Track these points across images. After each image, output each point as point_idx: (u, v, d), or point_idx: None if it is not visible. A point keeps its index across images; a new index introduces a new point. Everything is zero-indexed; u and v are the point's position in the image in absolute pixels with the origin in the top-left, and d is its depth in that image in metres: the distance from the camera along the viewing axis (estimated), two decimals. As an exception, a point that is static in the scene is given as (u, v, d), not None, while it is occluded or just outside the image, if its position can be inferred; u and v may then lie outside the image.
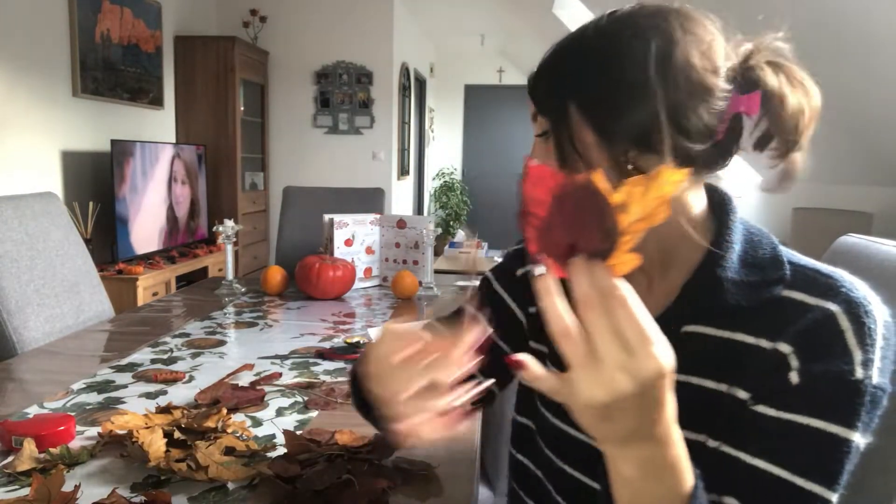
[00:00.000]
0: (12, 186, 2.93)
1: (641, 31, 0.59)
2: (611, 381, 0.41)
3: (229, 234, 1.81)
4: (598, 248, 0.42)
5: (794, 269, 0.61)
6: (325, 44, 5.19)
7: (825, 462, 0.54)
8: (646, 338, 0.41)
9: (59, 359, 1.25)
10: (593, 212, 0.42)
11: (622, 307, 0.41)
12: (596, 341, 0.42)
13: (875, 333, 0.56)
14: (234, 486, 0.75)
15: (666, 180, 0.41)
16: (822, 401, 0.55)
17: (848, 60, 2.25)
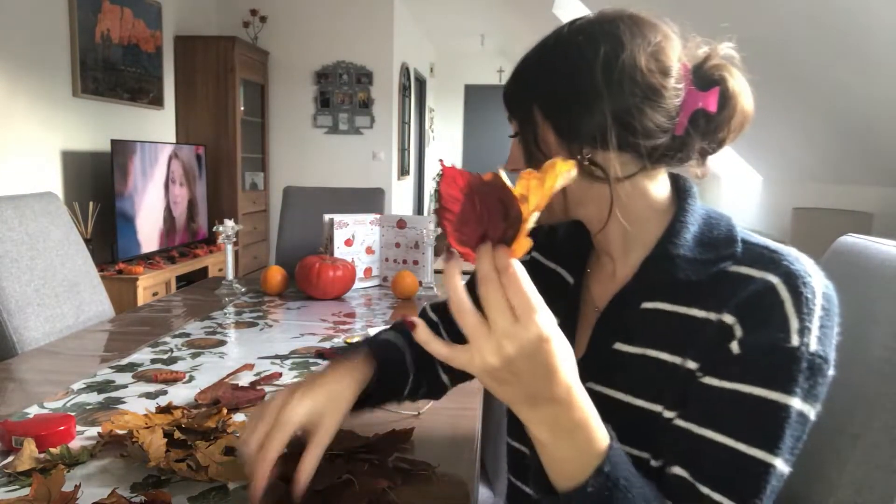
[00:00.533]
0: (12, 186, 2.94)
1: (593, 37, 0.65)
2: (499, 346, 0.47)
3: (229, 234, 1.81)
4: (504, 235, 0.48)
5: (746, 247, 0.64)
6: (325, 44, 5.19)
7: (766, 428, 0.57)
8: (530, 307, 0.47)
9: (59, 359, 1.25)
10: (499, 204, 0.47)
11: (513, 282, 0.47)
12: (489, 312, 0.48)
13: (813, 303, 0.58)
14: (234, 486, 0.75)
15: (558, 171, 0.46)
16: (760, 369, 0.58)
17: (848, 60, 2.25)
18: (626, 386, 0.66)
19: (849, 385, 0.74)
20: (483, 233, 0.48)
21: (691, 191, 0.70)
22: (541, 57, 0.68)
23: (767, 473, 0.56)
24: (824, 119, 2.69)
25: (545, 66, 0.67)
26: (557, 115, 0.66)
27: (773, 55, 2.53)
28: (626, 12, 0.66)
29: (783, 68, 2.56)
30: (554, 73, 0.66)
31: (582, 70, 0.64)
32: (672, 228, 0.67)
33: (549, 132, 0.66)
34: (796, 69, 2.51)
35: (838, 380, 0.76)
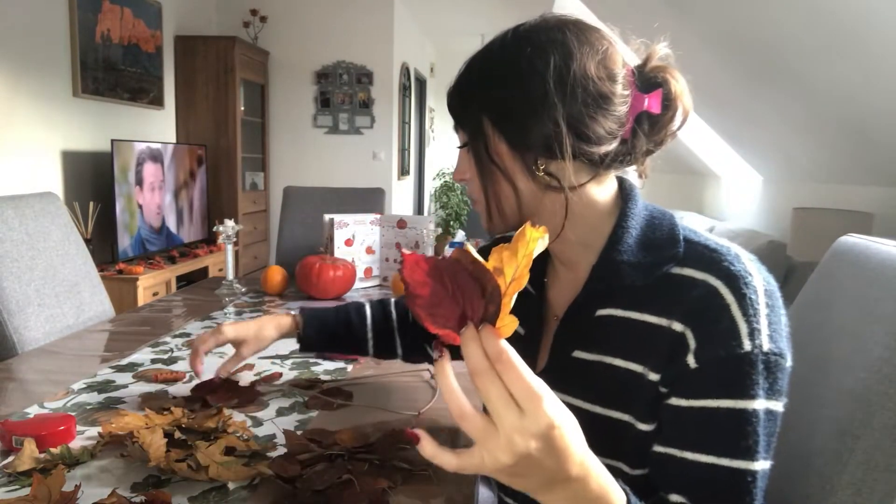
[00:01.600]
0: (13, 186, 2.94)
1: (541, 46, 0.65)
2: (510, 443, 0.43)
3: (229, 234, 1.81)
4: (486, 313, 0.44)
5: (688, 246, 0.65)
6: (325, 44, 5.19)
7: (740, 437, 0.58)
8: (534, 395, 0.43)
9: (59, 359, 1.25)
10: (472, 281, 0.44)
11: (509, 370, 0.43)
12: (492, 408, 0.44)
13: (757, 303, 0.59)
14: (234, 486, 0.75)
15: (529, 238, 0.43)
16: (719, 380, 0.59)
17: (849, 60, 2.25)
18: (590, 394, 0.67)
19: (849, 385, 0.74)
20: (461, 312, 0.45)
21: (633, 192, 0.71)
22: (488, 66, 0.68)
23: (754, 479, 0.58)
24: (825, 119, 2.69)
25: (494, 77, 0.66)
26: (510, 125, 0.66)
27: (774, 55, 2.53)
28: (570, 18, 0.67)
29: (783, 68, 2.56)
30: (504, 84, 0.66)
31: (534, 80, 0.64)
32: (615, 234, 0.68)
33: (500, 142, 0.66)
34: (796, 69, 2.51)
35: (838, 380, 0.77)
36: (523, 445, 0.43)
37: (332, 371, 1.18)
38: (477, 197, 0.71)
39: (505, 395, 0.43)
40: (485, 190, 0.69)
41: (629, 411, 0.64)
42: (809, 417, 0.79)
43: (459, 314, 0.45)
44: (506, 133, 0.66)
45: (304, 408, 1.00)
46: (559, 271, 0.76)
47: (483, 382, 0.44)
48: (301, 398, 1.04)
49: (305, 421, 0.95)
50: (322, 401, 1.02)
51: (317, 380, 1.12)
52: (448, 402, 0.45)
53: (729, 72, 2.97)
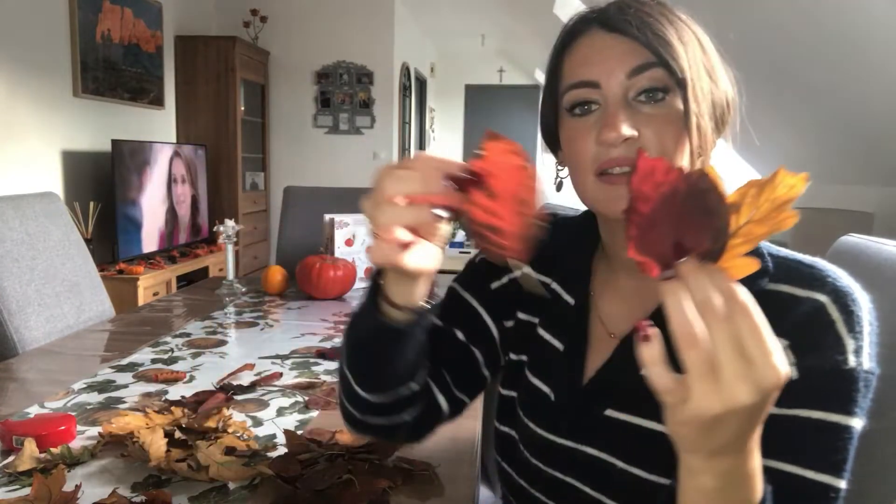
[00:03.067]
0: (13, 186, 2.94)
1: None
2: (730, 392, 0.39)
3: (230, 234, 1.81)
4: (708, 249, 0.40)
5: (776, 261, 0.61)
6: (325, 44, 5.19)
7: (830, 452, 0.55)
8: (767, 348, 0.39)
9: (59, 359, 1.25)
10: (705, 210, 0.39)
11: (744, 315, 0.39)
12: (717, 350, 0.39)
13: (862, 321, 0.56)
14: (234, 486, 0.76)
15: (781, 183, 0.39)
16: (820, 392, 0.55)
17: (848, 60, 2.24)
18: (656, 413, 0.59)
19: (849, 385, 0.74)
20: (678, 242, 0.40)
21: None
22: (685, 31, 0.62)
23: (837, 499, 0.54)
24: (825, 119, 2.69)
25: (691, 36, 0.61)
26: (708, 83, 0.61)
27: (774, 56, 2.53)
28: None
29: (783, 69, 2.56)
30: (700, 40, 0.62)
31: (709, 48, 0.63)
32: None
33: (705, 96, 0.60)
34: (796, 69, 2.51)
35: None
36: (744, 397, 0.39)
37: (333, 371, 1.18)
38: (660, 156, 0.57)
39: (735, 339, 0.39)
40: (693, 153, 0.60)
41: None
42: (810, 417, 0.79)
43: (673, 244, 0.40)
44: (712, 92, 0.61)
45: (304, 408, 1.00)
46: (618, 278, 0.69)
47: (712, 321, 0.39)
48: (301, 398, 1.04)
49: (305, 421, 0.95)
50: (322, 401, 1.02)
51: (317, 380, 1.12)
52: (676, 322, 0.40)
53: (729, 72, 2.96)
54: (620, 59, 0.59)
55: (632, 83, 0.59)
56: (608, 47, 0.60)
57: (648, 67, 0.58)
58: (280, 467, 0.76)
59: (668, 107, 0.59)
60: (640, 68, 0.58)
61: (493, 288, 0.77)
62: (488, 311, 0.77)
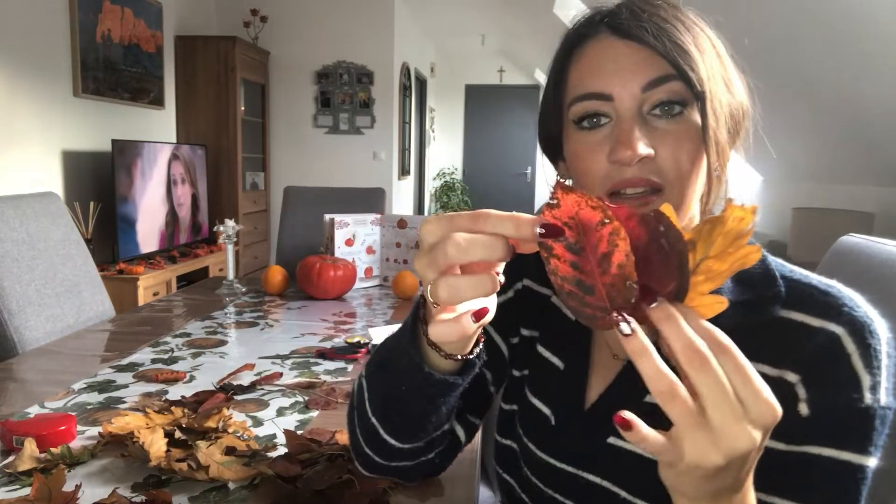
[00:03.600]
0: (13, 186, 2.94)
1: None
2: (728, 439, 0.37)
3: (230, 234, 1.81)
4: (674, 290, 0.39)
5: (789, 285, 0.57)
6: (325, 44, 5.19)
7: (842, 491, 0.52)
8: (755, 386, 0.37)
9: (59, 359, 1.25)
10: (665, 250, 0.38)
11: (727, 355, 0.37)
12: (705, 397, 0.37)
13: (880, 354, 0.53)
14: (234, 486, 0.75)
15: (730, 216, 0.38)
16: (833, 430, 0.52)
17: (849, 59, 2.24)
18: None
19: (850, 385, 0.74)
20: (642, 286, 0.38)
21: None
22: (701, 38, 0.58)
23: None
24: (825, 119, 2.69)
25: (707, 44, 0.58)
26: (728, 95, 0.58)
27: (774, 55, 2.53)
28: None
29: (784, 68, 2.56)
30: (718, 53, 0.58)
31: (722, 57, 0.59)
32: None
33: (723, 108, 0.57)
34: (797, 69, 2.51)
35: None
36: (742, 443, 0.37)
37: (333, 371, 1.18)
38: (679, 181, 0.55)
39: (722, 382, 0.37)
40: (711, 166, 0.57)
41: None
42: (810, 417, 0.79)
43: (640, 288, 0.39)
44: (730, 104, 0.58)
45: (304, 408, 1.00)
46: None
47: (697, 366, 0.37)
48: (302, 398, 1.04)
49: (306, 421, 0.95)
50: (323, 401, 1.02)
51: (317, 380, 1.12)
52: (651, 378, 0.37)
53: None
54: (635, 70, 0.54)
55: (647, 96, 0.55)
56: (622, 56, 0.55)
57: (666, 80, 0.54)
58: (280, 467, 0.76)
59: (685, 122, 0.55)
60: (657, 81, 0.54)
61: (500, 303, 0.69)
62: (497, 329, 0.73)
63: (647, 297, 0.38)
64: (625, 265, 0.38)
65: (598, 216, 0.38)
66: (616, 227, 0.38)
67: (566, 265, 0.39)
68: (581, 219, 0.38)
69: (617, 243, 0.38)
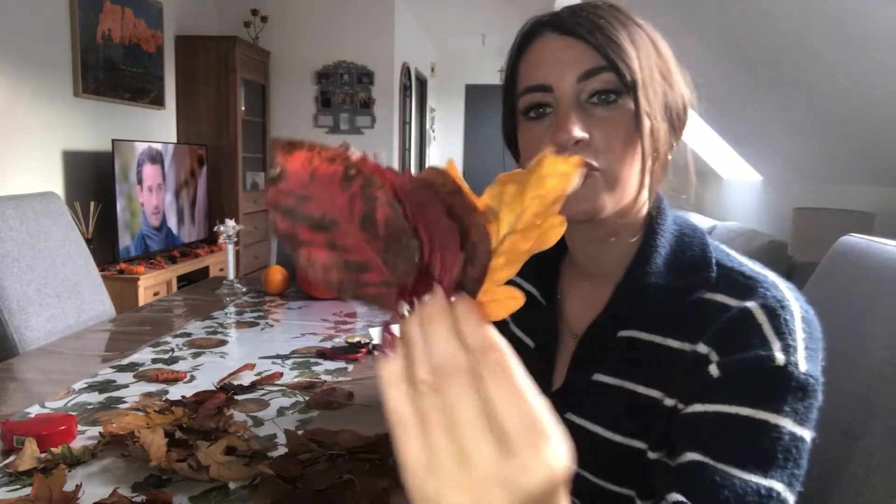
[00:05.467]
0: (13, 186, 2.94)
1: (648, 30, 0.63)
2: (479, 493, 0.27)
3: (230, 234, 1.81)
4: (463, 276, 0.28)
5: (720, 272, 0.60)
6: (326, 44, 5.19)
7: (757, 449, 0.52)
8: (532, 428, 0.27)
9: (60, 358, 1.25)
10: (446, 220, 0.28)
11: (501, 377, 0.27)
12: (460, 432, 0.27)
13: (792, 324, 0.55)
14: (235, 486, 0.76)
15: (549, 173, 0.28)
16: (745, 387, 0.54)
17: (849, 59, 2.24)
18: (607, 420, 0.62)
19: (849, 386, 0.74)
20: (420, 269, 0.29)
21: (662, 204, 0.66)
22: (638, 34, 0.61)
23: (769, 499, 0.51)
24: (825, 118, 2.69)
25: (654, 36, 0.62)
26: (668, 87, 0.62)
27: (774, 55, 2.53)
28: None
29: (784, 68, 2.56)
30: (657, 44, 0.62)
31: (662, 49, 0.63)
32: (642, 253, 0.62)
33: (657, 98, 0.60)
34: (797, 69, 2.51)
35: (839, 380, 0.76)
36: (495, 499, 0.27)
37: (333, 371, 1.18)
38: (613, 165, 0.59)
39: (481, 415, 0.27)
40: (646, 154, 0.59)
41: (645, 439, 0.59)
42: (810, 417, 0.79)
43: (416, 273, 0.29)
44: (666, 94, 0.61)
45: (304, 407, 1.00)
46: (579, 283, 0.70)
47: (453, 386, 0.27)
48: (302, 398, 1.04)
49: (306, 421, 0.95)
50: (323, 401, 1.02)
51: (318, 379, 1.13)
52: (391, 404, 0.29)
53: (729, 71, 2.97)
54: (572, 63, 0.59)
55: (583, 86, 0.59)
56: (560, 50, 0.60)
57: (599, 71, 0.58)
58: (280, 467, 0.76)
59: (619, 109, 0.59)
60: (590, 72, 0.59)
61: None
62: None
63: (421, 285, 0.28)
64: (393, 219, 0.28)
65: (340, 169, 0.28)
66: (368, 176, 0.27)
67: (321, 249, 0.29)
68: (320, 179, 0.28)
69: (375, 195, 0.27)
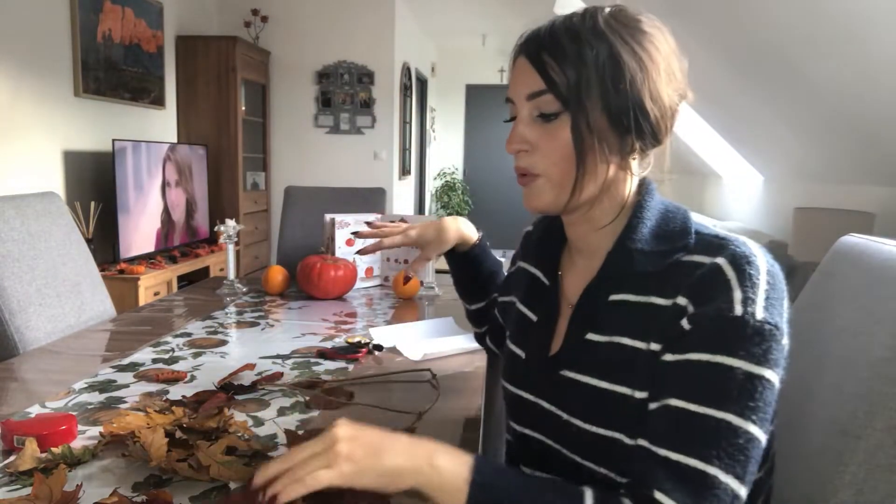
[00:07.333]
0: (14, 186, 2.94)
1: (646, 30, 0.70)
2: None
3: (231, 234, 1.81)
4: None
5: (698, 237, 0.69)
6: (326, 43, 5.19)
7: (713, 388, 0.60)
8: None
9: (60, 358, 1.25)
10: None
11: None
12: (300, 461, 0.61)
13: (757, 278, 0.62)
14: (235, 486, 0.76)
15: None
16: (705, 337, 0.62)
17: (849, 59, 2.24)
18: (598, 371, 0.71)
19: (849, 386, 0.74)
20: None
21: (650, 187, 0.75)
22: (598, 35, 0.68)
23: (721, 429, 0.58)
24: (826, 118, 2.69)
25: (610, 46, 0.67)
26: (618, 99, 0.67)
27: (775, 55, 2.53)
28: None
29: (784, 68, 2.56)
30: (618, 57, 0.67)
31: (649, 56, 0.68)
32: (630, 224, 0.72)
33: (602, 117, 0.68)
34: (798, 69, 2.51)
35: (839, 380, 0.76)
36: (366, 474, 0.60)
37: (334, 371, 1.18)
38: (551, 171, 0.71)
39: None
40: (579, 164, 0.69)
41: (630, 384, 0.67)
42: (810, 417, 0.79)
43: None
44: (611, 107, 0.67)
45: (305, 407, 1.00)
46: (575, 261, 0.81)
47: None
48: (302, 398, 1.04)
49: (307, 421, 0.95)
50: (323, 400, 1.02)
51: (318, 379, 1.13)
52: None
53: (730, 71, 2.97)
54: (523, 84, 0.70)
55: (532, 104, 0.70)
56: (520, 71, 0.71)
57: (541, 94, 0.68)
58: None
59: (556, 126, 0.69)
60: (534, 94, 0.69)
61: (508, 273, 1.02)
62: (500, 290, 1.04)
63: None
64: None
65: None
66: None
67: None
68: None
69: None
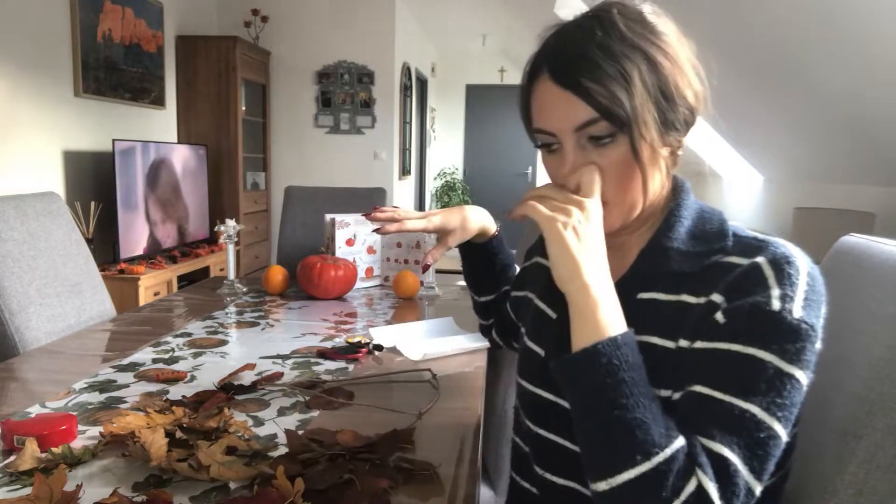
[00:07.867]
0: (14, 186, 2.94)
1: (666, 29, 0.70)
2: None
3: (231, 234, 1.81)
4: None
5: (737, 239, 0.69)
6: (326, 44, 5.19)
7: (742, 378, 0.59)
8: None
9: (60, 358, 1.25)
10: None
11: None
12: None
13: (795, 277, 0.62)
14: (235, 486, 0.76)
15: None
16: (740, 328, 0.61)
17: (850, 60, 2.24)
18: None
19: (850, 386, 0.74)
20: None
21: (685, 186, 0.75)
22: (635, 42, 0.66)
23: (745, 420, 0.58)
24: (826, 119, 2.69)
25: (647, 50, 0.66)
26: (666, 102, 0.67)
27: (775, 56, 2.53)
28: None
29: (785, 69, 2.56)
30: (655, 58, 0.66)
31: (679, 55, 0.68)
32: (667, 222, 0.72)
33: (652, 126, 0.66)
34: (798, 70, 2.51)
35: (839, 380, 0.76)
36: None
37: (334, 371, 1.18)
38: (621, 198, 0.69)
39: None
40: (645, 180, 0.68)
41: (656, 385, 0.65)
42: (811, 417, 0.79)
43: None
44: (665, 114, 0.67)
45: (305, 407, 1.00)
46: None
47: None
48: (302, 398, 1.04)
49: (307, 421, 0.95)
50: (323, 400, 1.02)
51: (318, 379, 1.12)
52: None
53: (731, 72, 2.97)
54: (568, 115, 0.67)
55: (581, 133, 0.68)
56: (558, 101, 0.68)
57: (593, 123, 0.66)
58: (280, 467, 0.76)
59: (613, 148, 0.67)
60: (585, 124, 0.67)
61: (522, 267, 1.02)
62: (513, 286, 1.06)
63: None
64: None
65: None
66: None
67: None
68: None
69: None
